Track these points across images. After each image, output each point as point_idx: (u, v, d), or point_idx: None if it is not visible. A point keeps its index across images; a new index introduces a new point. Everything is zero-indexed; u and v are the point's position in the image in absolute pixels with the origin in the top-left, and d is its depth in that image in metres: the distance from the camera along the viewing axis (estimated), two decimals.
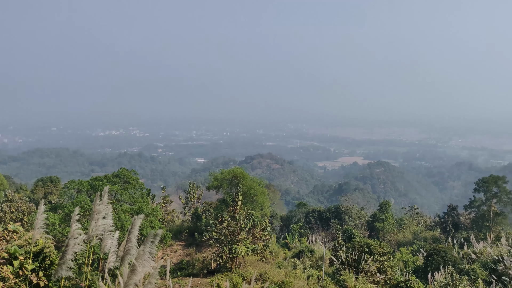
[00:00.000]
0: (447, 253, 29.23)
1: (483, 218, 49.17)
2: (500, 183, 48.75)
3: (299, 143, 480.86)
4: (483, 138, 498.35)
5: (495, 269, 27.09)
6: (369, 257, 27.38)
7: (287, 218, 63.46)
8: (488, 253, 30.04)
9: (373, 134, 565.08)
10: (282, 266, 29.92)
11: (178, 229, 39.93)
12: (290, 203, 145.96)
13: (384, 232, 53.80)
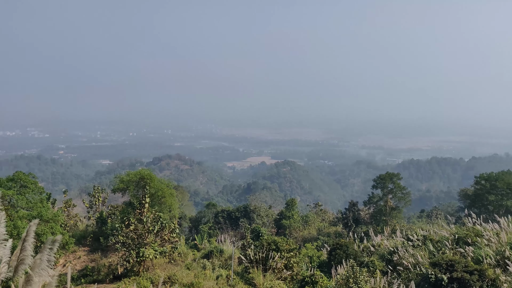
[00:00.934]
0: (348, 247, 30.81)
1: (380, 213, 52.43)
2: (395, 180, 52.33)
3: (208, 144, 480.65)
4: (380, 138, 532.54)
5: (391, 260, 29.08)
6: (277, 254, 28.10)
7: (196, 219, 63.12)
8: (385, 245, 32.15)
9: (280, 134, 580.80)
10: (191, 268, 29.74)
11: (82, 234, 38.09)
12: (200, 204, 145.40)
13: (291, 229, 55.45)
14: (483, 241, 27.71)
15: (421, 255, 27.88)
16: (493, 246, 26.96)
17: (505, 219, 31.06)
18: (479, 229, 29.74)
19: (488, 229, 29.93)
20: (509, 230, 29.41)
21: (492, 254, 25.69)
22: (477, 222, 32.50)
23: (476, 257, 26.02)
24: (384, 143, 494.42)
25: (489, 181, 52.69)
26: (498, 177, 52.76)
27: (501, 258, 25.25)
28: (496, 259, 25.32)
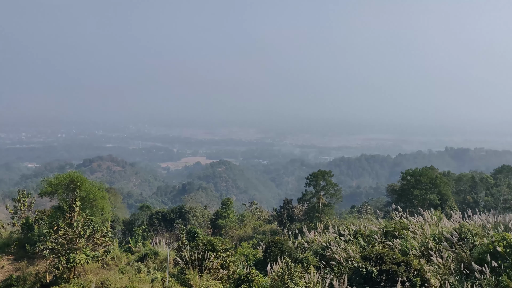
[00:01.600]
0: (283, 244, 31.36)
1: (313, 210, 53.72)
2: (327, 177, 53.85)
3: (141, 144, 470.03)
4: (312, 137, 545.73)
5: (324, 255, 29.95)
6: (213, 254, 28.06)
7: (130, 221, 61.63)
8: (318, 241, 33.03)
9: (215, 134, 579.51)
10: (126, 271, 29.01)
11: (5, 242, 35.98)
12: (133, 206, 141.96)
13: (227, 228, 55.53)
14: (409, 233, 29.22)
15: (352, 249, 28.91)
16: (418, 238, 28.51)
17: (428, 212, 32.91)
18: (405, 223, 31.31)
19: (414, 222, 31.58)
20: (432, 222, 31.20)
21: (417, 246, 27.15)
22: (404, 216, 34.18)
23: (403, 249, 27.38)
24: (317, 141, 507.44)
25: (414, 177, 55.50)
26: (422, 173, 55.72)
27: (425, 249, 26.75)
28: (421, 250, 26.79)
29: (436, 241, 27.25)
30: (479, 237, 26.74)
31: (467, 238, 26.61)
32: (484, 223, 29.85)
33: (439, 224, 30.67)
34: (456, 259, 25.48)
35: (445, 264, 24.98)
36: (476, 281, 23.02)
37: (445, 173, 78.17)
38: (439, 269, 24.81)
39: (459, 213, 34.17)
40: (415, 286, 23.53)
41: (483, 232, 28.20)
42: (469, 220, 31.20)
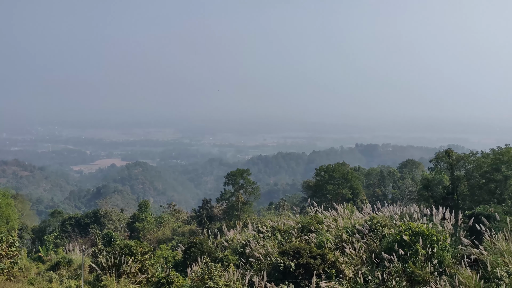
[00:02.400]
0: (203, 244, 31.30)
1: (233, 208, 54.18)
2: (245, 176, 54.56)
3: (51, 147, 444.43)
4: (230, 136, 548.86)
5: (244, 253, 30.31)
6: (130, 258, 27.35)
7: (40, 229, 58.31)
8: (238, 239, 33.34)
9: (130, 135, 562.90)
10: (36, 282, 27.41)
11: None
12: (44, 213, 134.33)
13: (145, 231, 54.35)
14: (324, 227, 30.38)
15: (271, 245, 29.52)
16: (333, 231, 29.73)
17: (341, 206, 34.42)
18: (320, 217, 32.51)
19: (328, 216, 32.86)
20: (345, 215, 32.68)
21: (332, 239, 28.33)
22: (319, 211, 35.45)
23: (319, 242, 28.41)
24: (235, 141, 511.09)
25: (327, 173, 57.81)
26: (334, 169, 58.20)
27: (339, 242, 27.98)
28: (335, 243, 27.98)
29: (349, 233, 28.57)
30: (387, 228, 28.41)
31: (377, 229, 28.19)
32: (392, 214, 31.77)
33: (352, 217, 32.18)
34: (368, 249, 26.88)
35: (358, 255, 26.28)
36: (385, 269, 24.46)
37: (356, 168, 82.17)
38: (353, 260, 26.04)
39: (369, 206, 36.07)
40: (330, 277, 24.53)
41: (391, 223, 29.99)
42: (378, 212, 33.02)
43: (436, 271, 23.81)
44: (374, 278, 24.13)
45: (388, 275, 24.08)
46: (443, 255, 24.52)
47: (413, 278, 23.60)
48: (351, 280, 24.60)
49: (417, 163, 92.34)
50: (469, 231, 27.82)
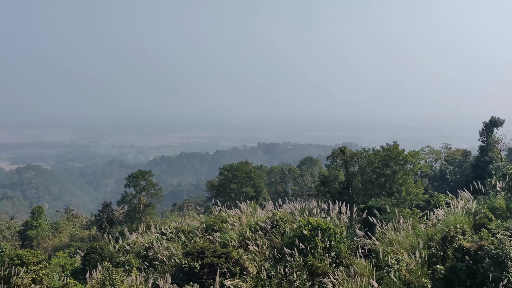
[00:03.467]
0: (103, 250, 30.09)
1: (134, 211, 52.72)
2: (147, 177, 53.34)
3: None
4: (131, 137, 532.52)
5: (147, 256, 29.63)
6: (22, 269, 25.50)
7: None
8: (140, 242, 32.50)
9: (21, 137, 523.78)
10: None
11: None
12: None
13: (39, 239, 51.01)
14: (228, 226, 30.64)
15: (174, 247, 29.18)
16: (236, 230, 30.09)
17: (245, 204, 34.94)
18: (224, 216, 32.75)
19: (232, 214, 33.19)
20: (248, 213, 33.23)
21: (236, 237, 28.68)
22: (223, 210, 35.70)
23: (223, 241, 28.61)
24: (136, 141, 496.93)
25: (230, 172, 58.41)
26: (238, 168, 58.96)
27: (243, 240, 28.40)
28: (239, 241, 28.35)
29: (253, 230, 29.11)
30: (289, 224, 29.38)
31: (279, 225, 29.04)
32: (293, 210, 32.92)
33: (255, 215, 32.79)
34: (270, 245, 27.58)
35: (261, 251, 26.87)
36: (287, 263, 25.29)
37: (258, 166, 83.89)
38: (256, 256, 26.57)
39: (272, 203, 37.02)
40: (235, 275, 24.83)
41: (292, 219, 31.06)
42: (280, 208, 34.01)
43: (334, 263, 25.10)
44: (277, 273, 24.84)
45: (290, 270, 24.91)
46: (340, 247, 25.92)
47: (313, 270, 24.66)
48: (255, 276, 25.11)
49: (315, 160, 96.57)
50: (363, 223, 29.67)
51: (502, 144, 46.26)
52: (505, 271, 18.99)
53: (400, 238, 24.88)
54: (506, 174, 31.29)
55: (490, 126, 44.52)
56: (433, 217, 28.37)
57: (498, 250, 19.38)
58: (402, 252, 23.51)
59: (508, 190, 29.09)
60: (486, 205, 27.52)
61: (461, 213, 26.57)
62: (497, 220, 24.84)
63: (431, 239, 24.33)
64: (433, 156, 68.54)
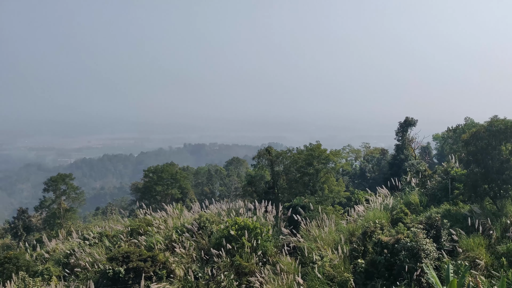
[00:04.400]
0: (19, 259, 28.41)
1: (54, 216, 50.23)
2: (68, 181, 51.01)
3: None
4: (50, 138, 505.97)
5: (68, 263, 28.38)
6: None
7: None
8: (61, 249, 31.07)
9: None
10: None
11: None
12: None
13: None
14: (153, 229, 30.12)
15: (98, 252, 28.21)
16: (162, 232, 29.66)
17: (171, 206, 34.51)
18: (149, 219, 32.16)
19: (158, 217, 32.67)
20: (175, 215, 32.87)
21: (162, 240, 28.26)
22: (148, 212, 35.01)
23: (149, 244, 28.08)
24: (55, 143, 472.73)
25: (156, 173, 57.35)
26: (163, 169, 58.02)
27: (169, 242, 28.05)
28: (165, 244, 27.97)
29: (179, 232, 28.83)
30: (215, 224, 29.42)
31: (206, 226, 28.99)
32: (220, 211, 32.99)
33: (181, 217, 32.51)
34: (197, 247, 27.48)
35: (188, 253, 26.70)
36: (215, 264, 25.33)
37: (184, 168, 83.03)
38: (183, 258, 26.37)
39: (198, 204, 36.87)
40: (161, 278, 24.46)
41: (219, 219, 31.13)
42: (207, 209, 33.97)
43: (260, 261, 25.49)
44: (204, 275, 24.81)
45: (218, 270, 24.98)
46: (267, 245, 26.36)
47: (240, 270, 24.89)
48: (182, 279, 24.91)
49: (241, 160, 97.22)
50: (288, 221, 30.36)
51: (416, 142, 49.27)
52: (418, 261, 20.25)
53: (323, 235, 25.74)
54: (419, 171, 33.43)
55: (405, 126, 47.15)
56: (354, 213, 29.63)
57: (413, 243, 20.62)
58: (325, 248, 24.35)
59: (421, 186, 31.06)
60: (402, 200, 29.20)
61: (379, 209, 28.00)
62: (412, 214, 26.44)
63: (352, 234, 25.40)
64: (353, 155, 71.45)
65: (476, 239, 21.45)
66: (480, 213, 23.44)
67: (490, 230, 22.18)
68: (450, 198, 27.32)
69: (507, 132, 23.45)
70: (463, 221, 23.47)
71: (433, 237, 22.01)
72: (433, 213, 24.11)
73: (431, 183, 30.51)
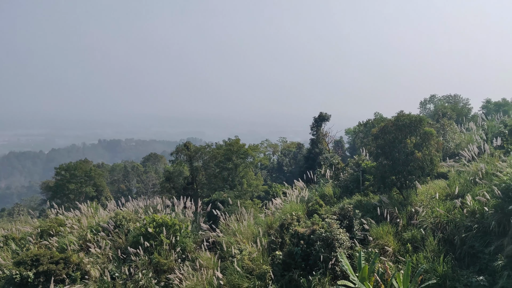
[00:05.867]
0: None
1: None
2: None
3: None
4: None
5: None
6: None
7: None
8: None
9: None
10: None
11: None
12: None
13: None
14: (66, 229, 28.74)
15: (3, 256, 26.42)
16: (76, 233, 28.39)
17: (85, 204, 33.13)
18: (62, 219, 30.61)
19: (71, 217, 31.22)
20: (89, 214, 31.59)
21: (76, 240, 27.04)
22: (60, 212, 33.33)
23: (61, 246, 26.77)
24: None
25: (68, 171, 54.77)
26: (76, 166, 55.55)
27: (83, 242, 26.92)
28: (79, 244, 26.80)
29: (94, 232, 27.77)
30: (133, 222, 28.68)
31: (122, 224, 28.17)
32: (137, 208, 32.18)
33: (96, 215, 31.34)
34: (114, 246, 26.63)
35: (104, 253, 25.80)
36: (132, 263, 24.71)
37: (99, 164, 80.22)
38: (99, 259, 25.44)
39: (114, 202, 35.75)
40: (75, 281, 23.43)
41: (136, 217, 30.39)
42: (123, 207, 33.00)
43: (180, 258, 25.24)
44: (122, 274, 24.13)
45: (135, 269, 24.39)
46: (186, 242, 26.15)
47: (159, 267, 24.48)
48: (98, 279, 24.04)
49: (159, 156, 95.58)
50: (207, 217, 30.31)
51: (329, 137, 51.27)
52: (333, 251, 21.10)
53: (242, 229, 26.02)
54: (333, 164, 34.80)
55: (319, 121, 48.86)
56: (272, 206, 30.24)
57: (327, 233, 21.43)
58: (244, 242, 24.63)
59: (335, 178, 32.37)
60: (317, 192, 30.26)
61: (296, 201, 28.80)
62: (326, 205, 27.48)
63: (270, 227, 25.90)
64: (271, 149, 72.87)
65: (385, 227, 22.74)
66: (388, 203, 24.84)
67: (397, 218, 23.60)
68: (361, 189, 28.70)
69: (411, 126, 25.02)
70: (373, 211, 24.76)
71: (346, 227, 23.02)
72: (346, 204, 25.19)
73: (344, 176, 31.88)
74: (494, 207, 20.50)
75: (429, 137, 24.76)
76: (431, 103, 60.47)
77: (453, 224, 21.61)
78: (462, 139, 33.54)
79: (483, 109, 55.12)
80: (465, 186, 24.12)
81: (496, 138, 28.29)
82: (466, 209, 21.80)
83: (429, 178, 26.33)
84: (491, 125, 34.91)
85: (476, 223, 20.94)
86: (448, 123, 35.04)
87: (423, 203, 24.06)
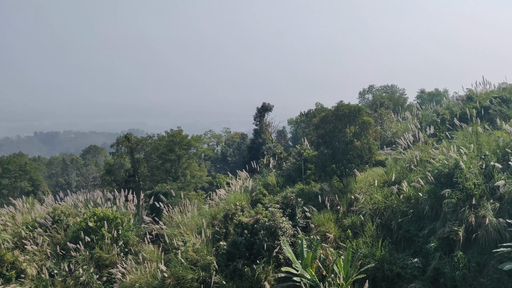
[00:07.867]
0: None
1: None
2: None
3: None
4: None
5: None
6: None
7: None
8: None
9: None
10: None
11: None
12: None
13: None
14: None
15: None
16: (10, 230, 27.14)
17: (20, 200, 31.67)
18: None
19: (4, 213, 29.79)
20: (25, 210, 30.27)
21: (10, 238, 25.84)
22: None
23: None
24: None
25: (1, 166, 52.25)
26: (10, 161, 53.12)
27: (18, 240, 25.79)
28: (14, 242, 25.64)
29: (30, 228, 26.69)
30: (72, 217, 27.79)
31: (61, 219, 27.23)
32: (76, 203, 31.16)
33: (32, 211, 30.11)
34: (52, 242, 25.74)
35: (41, 250, 24.89)
36: (72, 259, 24.00)
37: (35, 158, 77.06)
38: (36, 256, 24.53)
39: (52, 197, 34.50)
40: (10, 280, 22.47)
41: (76, 211, 29.46)
42: (62, 202, 31.86)
43: (122, 252, 24.78)
44: (61, 271, 23.42)
45: (76, 265, 23.73)
46: (128, 235, 25.69)
47: (101, 262, 23.96)
48: (35, 278, 23.19)
49: (99, 148, 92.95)
50: (150, 209, 29.88)
51: (272, 127, 51.75)
52: (276, 239, 21.45)
53: (186, 220, 25.87)
54: (276, 153, 35.24)
55: (262, 111, 49.13)
56: (216, 197, 30.22)
57: (270, 222, 21.74)
58: (188, 234, 24.50)
59: (278, 167, 32.81)
60: (260, 182, 30.53)
61: (240, 191, 28.94)
62: (269, 195, 27.81)
63: (214, 218, 25.91)
64: (215, 140, 72.57)
65: (326, 215, 23.34)
66: (329, 191, 25.48)
67: (337, 205, 24.28)
68: (304, 178, 29.25)
69: (350, 116, 25.73)
70: (314, 199, 25.32)
71: (289, 215, 23.42)
72: (289, 192, 25.60)
73: (286, 165, 32.36)
74: (427, 192, 21.58)
75: (368, 126, 25.57)
76: (369, 93, 62.26)
77: (390, 209, 22.54)
78: (398, 128, 34.84)
79: (418, 99, 57.53)
80: (401, 173, 25.19)
81: (429, 126, 29.67)
82: (402, 195, 22.80)
83: (368, 166, 27.24)
84: (425, 114, 36.50)
85: (411, 208, 22.00)
86: (386, 112, 36.25)
87: (362, 190, 24.89)
